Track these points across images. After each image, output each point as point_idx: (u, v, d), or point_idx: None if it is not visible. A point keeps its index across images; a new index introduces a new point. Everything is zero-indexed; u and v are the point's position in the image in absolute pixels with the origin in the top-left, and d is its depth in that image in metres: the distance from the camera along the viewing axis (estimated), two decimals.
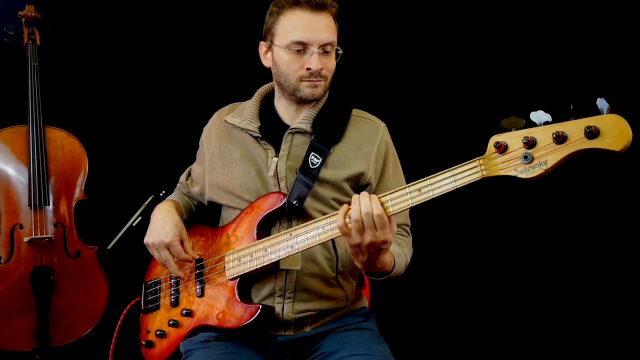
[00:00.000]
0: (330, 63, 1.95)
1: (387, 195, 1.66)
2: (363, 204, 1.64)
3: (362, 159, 1.98)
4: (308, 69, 1.90)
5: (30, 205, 2.88)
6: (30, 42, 3.02)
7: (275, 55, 1.95)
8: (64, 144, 3.00)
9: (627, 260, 3.01)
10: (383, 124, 2.08)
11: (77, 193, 2.99)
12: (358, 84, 3.02)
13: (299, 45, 1.89)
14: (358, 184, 1.99)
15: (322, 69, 1.91)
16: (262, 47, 2.02)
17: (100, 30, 3.32)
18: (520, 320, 3.15)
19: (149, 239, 2.01)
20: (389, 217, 1.66)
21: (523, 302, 3.15)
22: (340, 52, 1.97)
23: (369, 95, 2.68)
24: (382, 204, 1.65)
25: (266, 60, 2.02)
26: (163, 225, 2.00)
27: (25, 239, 2.85)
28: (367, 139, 2.02)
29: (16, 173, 2.92)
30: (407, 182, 1.66)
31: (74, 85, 3.30)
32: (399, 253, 1.89)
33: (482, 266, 3.19)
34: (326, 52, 1.91)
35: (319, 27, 1.89)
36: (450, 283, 3.23)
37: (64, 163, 2.98)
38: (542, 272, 3.13)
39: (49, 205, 2.92)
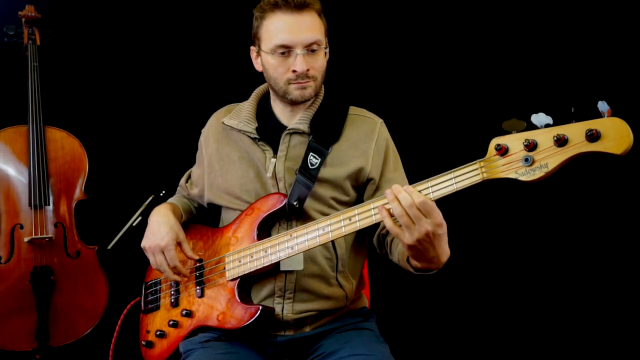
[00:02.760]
0: (318, 62, 1.92)
1: (425, 182, 1.61)
2: (402, 197, 1.57)
3: (360, 155, 1.98)
4: (294, 71, 1.88)
5: (30, 205, 2.88)
6: (30, 42, 3.02)
7: (263, 60, 1.95)
8: (64, 144, 3.00)
9: (628, 263, 3.01)
10: (380, 120, 2.08)
11: (77, 193, 2.99)
12: (355, 84, 3.02)
13: (283, 48, 1.87)
14: (358, 181, 1.98)
15: (308, 69, 1.89)
16: (253, 52, 2.02)
17: (101, 30, 3.32)
18: (520, 320, 3.15)
19: (145, 242, 2.00)
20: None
21: (523, 303, 3.15)
22: (327, 49, 1.94)
23: (367, 98, 2.67)
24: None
25: (257, 65, 2.02)
26: (158, 228, 1.99)
27: (26, 239, 2.85)
28: (365, 135, 2.01)
29: (16, 173, 2.92)
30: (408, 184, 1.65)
31: (74, 85, 3.31)
32: None
33: (482, 268, 3.19)
34: (312, 52, 1.89)
35: (300, 28, 1.87)
36: (451, 284, 3.22)
37: (64, 163, 2.98)
38: (543, 274, 3.13)
39: (49, 205, 2.92)
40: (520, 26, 3.09)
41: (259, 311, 1.86)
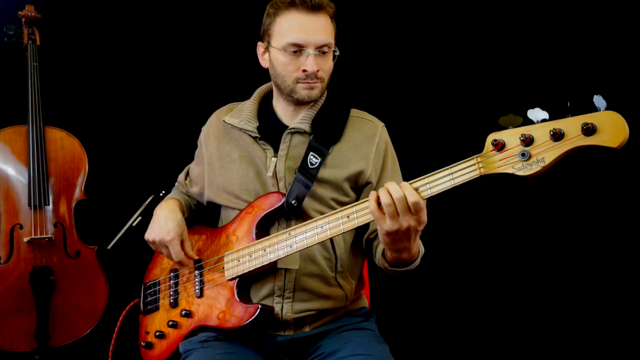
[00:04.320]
0: (327, 64, 1.94)
1: (423, 179, 1.63)
2: (392, 189, 1.61)
3: (361, 158, 1.98)
4: (304, 70, 1.89)
5: (30, 205, 2.89)
6: (30, 42, 3.03)
7: (272, 56, 1.95)
8: (64, 144, 3.00)
9: (626, 258, 3.00)
10: (381, 124, 2.08)
11: (77, 193, 3.00)
12: (356, 84, 3.02)
13: (295, 47, 1.88)
14: (357, 183, 1.98)
15: (318, 70, 1.90)
16: (260, 47, 2.02)
17: (101, 30, 3.33)
18: (519, 319, 3.14)
19: (150, 235, 2.01)
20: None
21: (522, 301, 3.15)
22: (337, 53, 1.95)
23: (367, 94, 2.68)
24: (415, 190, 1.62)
25: (264, 61, 2.02)
26: (165, 223, 2.00)
27: (25, 239, 2.85)
28: (366, 138, 2.01)
29: (16, 173, 2.92)
30: (405, 181, 1.65)
31: (74, 85, 3.31)
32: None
33: (481, 265, 3.19)
34: (323, 53, 1.90)
35: (315, 29, 1.88)
36: (450, 282, 3.23)
37: (64, 163, 2.98)
38: (541, 270, 3.12)
39: (48, 205, 2.92)
40: (515, 22, 3.09)
41: (258, 310, 1.85)
